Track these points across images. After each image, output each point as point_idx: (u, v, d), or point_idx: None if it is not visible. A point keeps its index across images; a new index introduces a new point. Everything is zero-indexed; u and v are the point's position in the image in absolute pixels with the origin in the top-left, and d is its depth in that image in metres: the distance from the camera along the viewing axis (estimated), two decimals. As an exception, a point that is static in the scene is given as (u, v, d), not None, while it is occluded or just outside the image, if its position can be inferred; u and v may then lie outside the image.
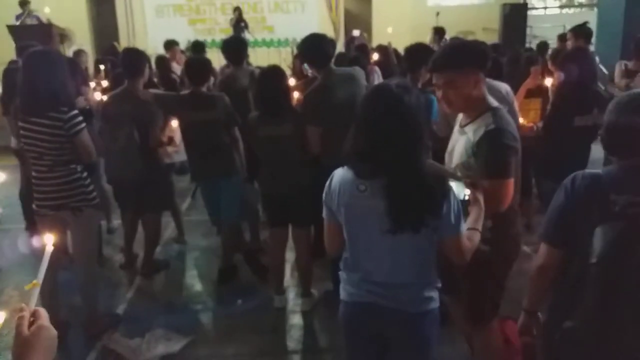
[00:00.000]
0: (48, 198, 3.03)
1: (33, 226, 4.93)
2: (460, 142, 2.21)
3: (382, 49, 6.14)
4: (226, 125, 3.70)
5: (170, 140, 3.74)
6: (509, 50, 5.78)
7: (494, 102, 2.19)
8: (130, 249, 4.33)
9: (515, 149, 2.09)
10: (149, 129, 3.72)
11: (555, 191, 1.77)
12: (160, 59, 6.00)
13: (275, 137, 3.29)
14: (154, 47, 10.68)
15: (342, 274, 1.95)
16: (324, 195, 1.89)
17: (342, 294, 1.95)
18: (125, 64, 3.81)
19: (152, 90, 3.81)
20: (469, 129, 2.17)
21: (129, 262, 4.31)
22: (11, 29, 9.11)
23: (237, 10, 12.01)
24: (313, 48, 3.40)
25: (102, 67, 4.91)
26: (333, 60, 3.51)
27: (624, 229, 1.53)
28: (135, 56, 3.87)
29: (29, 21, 9.53)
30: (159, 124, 3.77)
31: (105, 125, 3.81)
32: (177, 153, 3.97)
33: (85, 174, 3.08)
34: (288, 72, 7.60)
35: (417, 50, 4.17)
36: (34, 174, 3.06)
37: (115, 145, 3.72)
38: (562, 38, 6.81)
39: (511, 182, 2.09)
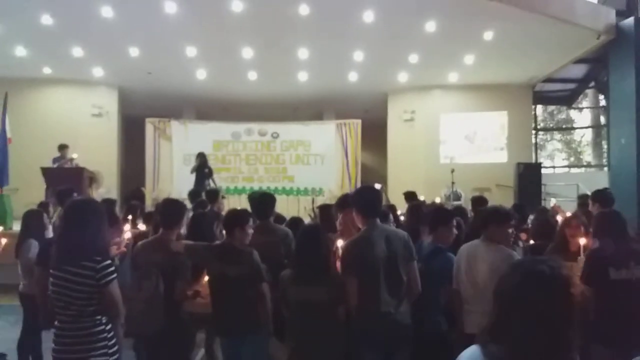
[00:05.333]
0: (69, 350, 2.89)
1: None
2: None
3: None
4: (254, 280, 3.62)
5: (197, 294, 3.64)
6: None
7: None
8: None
9: None
10: (176, 282, 3.66)
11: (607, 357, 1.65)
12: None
13: (307, 303, 3.18)
14: (178, 193, 11.07)
15: None
16: None
17: None
18: (164, 213, 3.85)
19: (184, 241, 3.80)
20: None
21: None
22: (44, 171, 9.54)
23: (201, 156, 11.32)
24: (364, 198, 3.44)
25: (129, 217, 4.98)
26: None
27: None
28: (175, 207, 3.92)
29: (62, 163, 10.00)
30: (186, 278, 3.70)
31: (133, 273, 3.76)
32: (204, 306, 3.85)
33: (109, 327, 2.96)
34: (307, 219, 7.80)
35: (436, 211, 4.29)
36: (57, 323, 2.95)
37: (139, 295, 3.64)
38: (582, 201, 6.85)
39: None
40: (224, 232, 4.10)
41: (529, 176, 12.27)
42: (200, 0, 9.56)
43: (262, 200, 4.56)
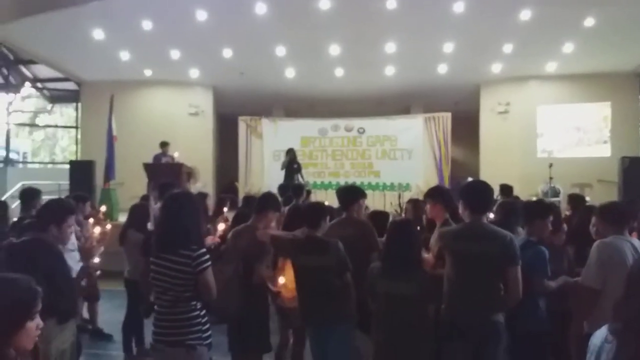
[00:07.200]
0: (166, 333, 3.08)
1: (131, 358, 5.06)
2: None
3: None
4: (340, 270, 3.65)
5: (279, 294, 3.75)
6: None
7: None
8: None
9: None
10: (254, 266, 3.78)
11: None
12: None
13: (397, 296, 3.15)
14: (268, 187, 11.41)
15: None
16: None
17: None
18: (260, 200, 4.05)
19: (271, 232, 3.91)
20: None
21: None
22: (146, 166, 10.20)
23: (290, 152, 11.38)
24: (476, 193, 3.33)
25: (225, 209, 5.23)
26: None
27: None
28: (269, 199, 4.09)
29: (164, 160, 10.65)
30: (265, 262, 3.82)
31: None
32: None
33: (203, 312, 3.12)
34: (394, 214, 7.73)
35: (533, 203, 4.10)
36: (156, 308, 3.15)
37: (220, 277, 3.78)
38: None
39: None
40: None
41: (635, 171, 11.30)
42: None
43: (346, 194, 4.51)
